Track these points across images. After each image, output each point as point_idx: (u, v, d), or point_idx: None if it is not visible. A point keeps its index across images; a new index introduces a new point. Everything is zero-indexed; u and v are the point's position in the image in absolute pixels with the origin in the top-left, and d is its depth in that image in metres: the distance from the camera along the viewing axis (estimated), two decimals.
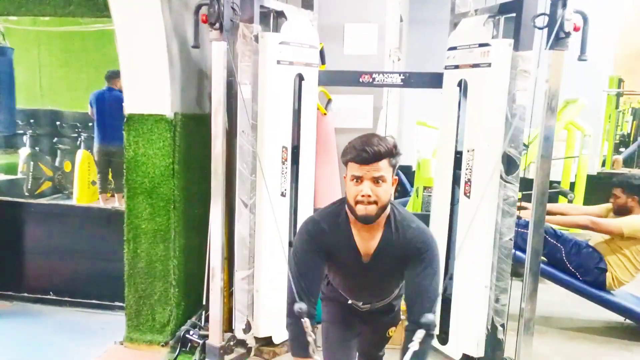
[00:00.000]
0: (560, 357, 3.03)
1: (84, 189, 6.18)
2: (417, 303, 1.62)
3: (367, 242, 1.68)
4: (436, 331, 1.64)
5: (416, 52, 5.47)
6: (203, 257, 2.93)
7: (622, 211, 3.28)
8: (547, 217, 3.28)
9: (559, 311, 3.64)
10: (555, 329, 3.40)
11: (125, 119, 2.81)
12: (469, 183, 2.67)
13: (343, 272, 1.81)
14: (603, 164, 7.37)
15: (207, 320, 2.88)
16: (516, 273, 2.69)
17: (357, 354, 2.05)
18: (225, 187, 2.81)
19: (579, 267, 3.26)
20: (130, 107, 2.81)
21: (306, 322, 1.57)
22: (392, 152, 1.56)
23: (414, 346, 1.53)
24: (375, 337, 2.08)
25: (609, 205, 3.48)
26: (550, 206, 3.31)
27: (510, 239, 2.57)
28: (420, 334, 1.54)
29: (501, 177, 2.54)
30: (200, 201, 2.95)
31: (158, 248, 2.83)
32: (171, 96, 2.77)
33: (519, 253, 2.94)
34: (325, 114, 3.17)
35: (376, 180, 1.54)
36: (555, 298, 3.64)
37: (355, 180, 1.56)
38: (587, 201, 5.15)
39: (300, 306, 1.58)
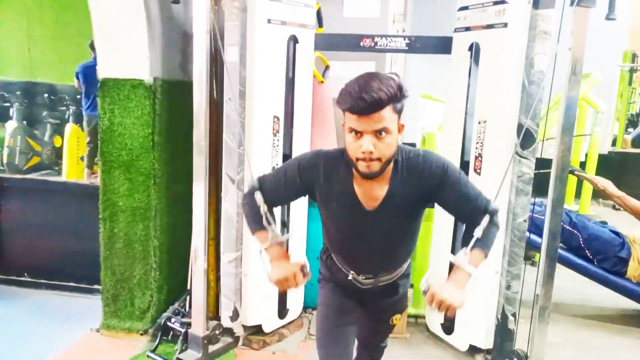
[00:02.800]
0: (572, 346, 2.81)
1: (73, 165, 5.91)
2: (475, 212, 1.47)
3: (371, 193, 1.47)
4: (500, 220, 1.57)
5: (422, 22, 5.13)
6: (189, 238, 2.68)
7: None
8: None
9: (570, 297, 3.42)
10: (566, 316, 3.18)
11: (99, 84, 2.53)
12: (479, 158, 2.41)
13: (342, 228, 1.57)
14: (613, 144, 7.08)
15: (191, 306, 2.65)
16: (525, 256, 2.45)
17: (357, 342, 1.83)
18: (211, 162, 2.57)
19: (598, 254, 3.02)
20: (104, 70, 2.54)
21: (258, 194, 1.55)
22: (396, 97, 1.30)
23: (478, 232, 1.44)
24: (376, 323, 1.84)
25: None
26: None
27: (525, 220, 2.33)
28: (485, 220, 1.44)
29: (516, 152, 2.28)
30: (186, 176, 2.68)
31: (137, 227, 2.59)
32: (150, 59, 2.49)
33: (533, 237, 2.69)
34: (322, 81, 2.89)
35: (379, 133, 1.30)
36: (566, 283, 3.40)
37: (354, 132, 1.32)
38: None
39: (255, 184, 1.58)
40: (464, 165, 2.49)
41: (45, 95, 6.41)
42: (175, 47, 2.69)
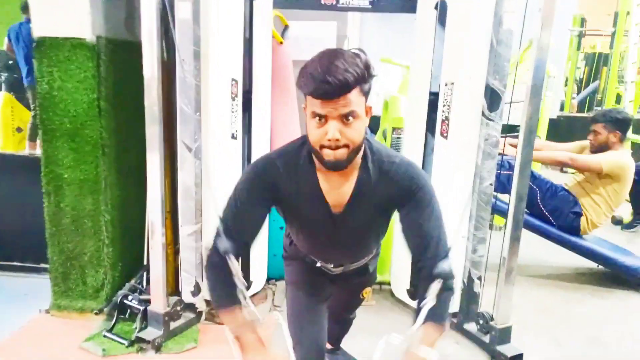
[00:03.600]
0: (531, 304, 2.89)
1: (8, 136, 5.53)
2: (426, 252, 1.26)
3: (337, 190, 1.32)
4: (456, 283, 1.28)
5: None
6: (143, 211, 2.51)
7: (601, 148, 3.12)
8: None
9: (527, 258, 3.49)
10: (523, 276, 3.25)
11: (34, 44, 2.28)
12: (446, 122, 2.36)
13: (308, 228, 1.46)
14: (561, 108, 7.28)
15: (148, 282, 2.50)
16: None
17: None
18: (164, 129, 2.39)
19: (554, 211, 3.09)
20: (40, 28, 2.28)
21: (232, 259, 1.24)
22: (364, 77, 1.15)
23: (429, 302, 1.18)
24: (347, 299, 1.79)
25: (583, 143, 3.31)
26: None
27: (491, 184, 2.31)
28: (436, 285, 1.20)
29: (483, 114, 2.24)
30: (138, 145, 2.49)
31: (86, 201, 2.39)
32: (92, 15, 2.25)
33: (499, 203, 2.70)
34: (281, 42, 2.74)
35: (345, 118, 1.16)
36: (523, 245, 3.48)
37: (317, 118, 1.17)
38: None
39: (225, 245, 1.25)
40: (431, 128, 2.43)
41: None
42: (120, 3, 2.45)
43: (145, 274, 2.55)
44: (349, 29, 3.00)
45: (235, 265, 1.24)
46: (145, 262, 2.54)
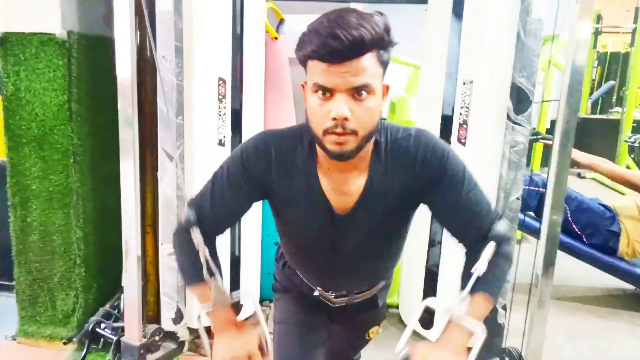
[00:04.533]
0: (563, 334, 2.55)
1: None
2: (471, 222, 1.04)
3: (342, 186, 1.05)
4: (513, 250, 1.14)
5: None
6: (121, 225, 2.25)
7: None
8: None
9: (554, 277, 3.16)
10: (551, 299, 2.91)
11: None
12: (464, 126, 2.05)
13: (303, 235, 1.16)
14: None
15: None
16: None
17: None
18: (146, 134, 2.14)
19: (587, 228, 2.74)
20: (5, 22, 2.03)
21: (195, 231, 1.07)
22: (382, 40, 0.89)
23: (479, 268, 0.98)
24: (349, 340, 1.47)
25: None
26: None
27: (517, 198, 1.99)
28: (489, 249, 0.99)
29: (508, 117, 1.93)
30: (115, 152, 2.22)
31: (55, 216, 2.13)
32: (61, 7, 2.00)
33: (528, 220, 2.38)
34: (275, 37, 2.46)
35: (357, 92, 0.89)
36: None
37: (321, 92, 0.90)
38: None
39: (189, 214, 1.09)
40: (446, 134, 2.12)
41: None
42: None
43: (122, 297, 2.27)
44: None
45: (197, 238, 1.06)
46: (122, 284, 2.27)
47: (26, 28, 2.02)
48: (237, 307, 1.33)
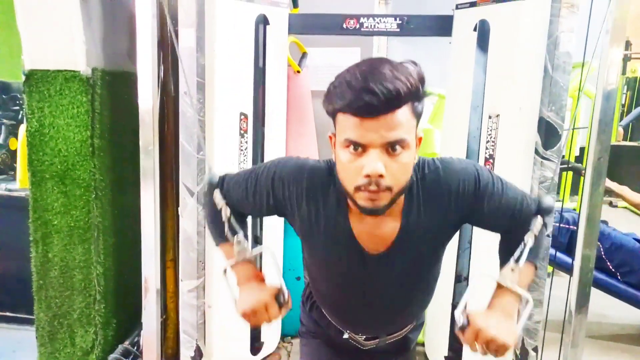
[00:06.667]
0: None
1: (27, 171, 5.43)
2: (519, 215, 1.07)
3: (375, 232, 1.02)
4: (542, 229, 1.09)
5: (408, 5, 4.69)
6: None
7: None
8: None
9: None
10: (585, 338, 2.79)
11: (24, 77, 2.06)
12: (490, 160, 1.99)
13: (333, 274, 1.13)
14: None
15: None
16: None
17: None
18: (167, 169, 2.14)
19: (622, 266, 2.63)
20: (30, 60, 2.06)
21: (217, 193, 1.14)
22: (418, 92, 0.87)
23: (528, 240, 1.02)
24: None
25: None
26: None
27: (548, 235, 1.92)
28: (539, 221, 1.04)
29: (536, 152, 1.87)
30: (136, 187, 2.21)
31: (76, 251, 2.12)
32: (87, 45, 2.02)
33: (559, 254, 2.29)
34: (298, 71, 2.44)
35: (392, 148, 0.86)
36: None
37: (352, 147, 0.87)
38: None
39: (213, 177, 1.19)
40: None
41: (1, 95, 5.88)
42: (119, 31, 2.22)
43: (142, 334, 2.23)
44: (375, 56, 2.69)
45: (218, 199, 1.14)
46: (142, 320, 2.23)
47: (51, 65, 2.05)
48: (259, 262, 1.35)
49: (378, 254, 1.03)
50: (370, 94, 0.81)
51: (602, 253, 2.63)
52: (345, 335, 1.22)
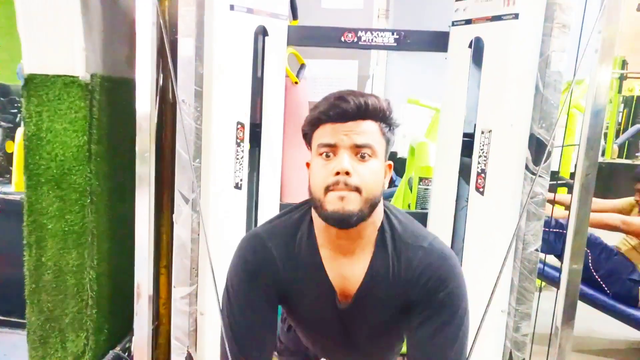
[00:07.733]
0: None
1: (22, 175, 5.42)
2: None
3: (345, 269, 1.03)
4: None
5: (407, 20, 4.77)
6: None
7: None
8: (564, 213, 2.71)
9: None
10: (572, 352, 2.82)
11: (23, 82, 2.08)
12: (482, 175, 2.03)
13: (308, 322, 1.16)
14: (602, 153, 6.85)
15: None
16: None
17: None
18: (165, 176, 2.16)
19: (608, 277, 2.67)
20: (30, 65, 2.08)
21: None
22: (385, 115, 0.98)
23: None
24: None
25: (631, 200, 2.91)
26: (564, 198, 2.74)
27: (537, 250, 1.95)
28: None
29: (527, 168, 1.91)
30: (132, 193, 2.24)
31: (70, 256, 2.13)
32: (86, 51, 2.04)
33: (547, 269, 2.32)
34: (296, 82, 2.48)
35: (360, 154, 0.94)
36: None
37: (325, 154, 0.96)
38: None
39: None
40: (462, 183, 2.10)
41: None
42: (119, 37, 2.25)
43: (134, 339, 2.24)
44: (373, 68, 2.73)
45: None
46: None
47: (50, 70, 2.07)
48: None
49: (346, 305, 1.05)
50: (344, 102, 0.95)
51: (590, 263, 2.67)
52: None
